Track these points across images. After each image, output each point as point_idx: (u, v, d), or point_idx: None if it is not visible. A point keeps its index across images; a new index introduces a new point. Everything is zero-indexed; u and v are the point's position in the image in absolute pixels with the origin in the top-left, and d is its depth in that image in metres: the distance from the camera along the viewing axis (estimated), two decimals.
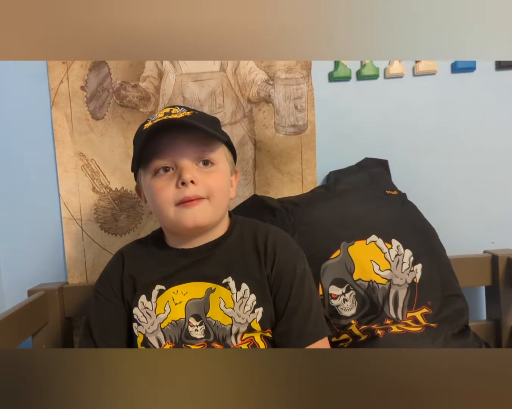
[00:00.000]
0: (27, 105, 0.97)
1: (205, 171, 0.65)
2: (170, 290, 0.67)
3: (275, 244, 0.68)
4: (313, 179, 0.98)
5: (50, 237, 0.99)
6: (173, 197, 0.63)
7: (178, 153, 0.63)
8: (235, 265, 0.67)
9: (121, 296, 0.69)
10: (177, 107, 0.69)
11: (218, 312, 0.65)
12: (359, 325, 0.79)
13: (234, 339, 0.65)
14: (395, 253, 0.82)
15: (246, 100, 0.96)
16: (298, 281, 0.67)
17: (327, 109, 0.97)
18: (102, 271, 0.74)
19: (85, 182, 0.98)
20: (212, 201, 0.65)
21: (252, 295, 0.65)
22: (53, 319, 0.92)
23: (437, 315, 0.79)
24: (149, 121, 0.67)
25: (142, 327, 0.66)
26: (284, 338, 0.65)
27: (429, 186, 1.00)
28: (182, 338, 0.65)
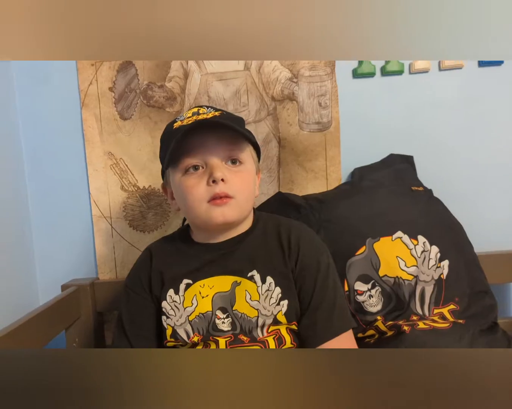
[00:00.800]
0: (58, 107, 1.00)
1: (233, 170, 0.67)
2: (197, 283, 0.69)
3: (299, 239, 0.70)
4: (338, 176, 0.98)
5: (81, 234, 1.03)
6: (204, 194, 0.65)
7: (208, 152, 0.65)
8: (259, 259, 0.69)
9: (149, 291, 0.71)
10: (204, 107, 0.71)
11: (244, 305, 0.67)
12: (385, 321, 0.79)
13: (260, 331, 0.66)
14: (421, 249, 0.82)
15: (270, 98, 0.97)
16: (322, 274, 0.68)
17: (352, 106, 0.97)
18: (132, 267, 0.77)
19: (114, 181, 1.00)
20: (239, 200, 0.66)
21: (277, 288, 0.67)
22: (85, 314, 0.95)
23: (465, 312, 0.79)
24: (177, 120, 0.69)
25: (171, 320, 0.68)
26: (309, 331, 0.66)
27: (456, 182, 0.99)
28: (209, 330, 0.67)
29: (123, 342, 0.70)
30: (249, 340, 0.66)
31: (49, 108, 1.00)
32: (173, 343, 0.69)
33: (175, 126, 0.68)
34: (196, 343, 0.67)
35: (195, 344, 0.68)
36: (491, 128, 0.99)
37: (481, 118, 0.98)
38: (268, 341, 0.66)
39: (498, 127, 0.98)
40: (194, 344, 0.68)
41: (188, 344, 0.68)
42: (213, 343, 0.67)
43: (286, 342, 0.67)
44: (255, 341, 0.66)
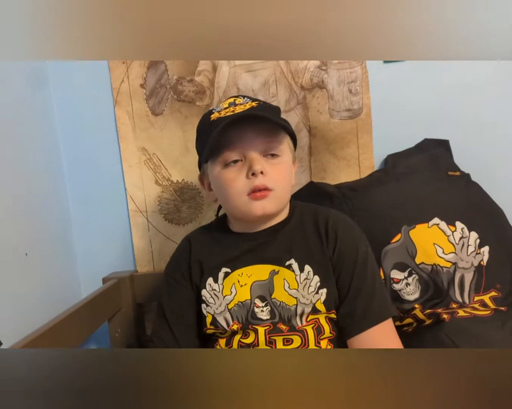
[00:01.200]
0: (92, 106, 1.03)
1: (272, 163, 0.67)
2: (235, 272, 0.69)
3: (337, 227, 0.69)
4: (370, 163, 0.97)
5: (119, 229, 1.06)
6: (244, 187, 0.65)
7: (247, 146, 0.66)
8: (297, 247, 0.69)
9: (189, 279, 0.73)
10: (241, 97, 0.71)
11: (283, 293, 0.67)
12: (423, 309, 0.78)
13: (299, 320, 0.66)
14: (459, 236, 0.80)
15: (299, 87, 0.97)
16: (361, 262, 0.68)
17: (383, 92, 0.95)
18: (171, 256, 0.79)
19: (148, 176, 1.03)
20: (277, 192, 0.67)
21: (315, 277, 0.67)
22: (126, 305, 0.99)
23: (507, 298, 0.77)
24: (214, 111, 0.69)
25: (210, 308, 0.70)
26: (348, 320, 0.66)
27: (494, 165, 0.95)
28: (248, 318, 0.68)
29: (165, 329, 0.72)
30: (288, 329, 0.67)
31: (84, 108, 1.04)
32: (213, 331, 0.70)
33: (213, 118, 0.68)
34: (236, 331, 0.68)
35: (234, 332, 0.69)
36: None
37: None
38: (307, 331, 0.66)
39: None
40: (233, 332, 0.69)
41: (227, 332, 0.69)
42: (252, 332, 0.67)
43: (325, 332, 0.67)
44: (294, 330, 0.66)
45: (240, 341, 0.68)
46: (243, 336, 0.68)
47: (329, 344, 0.68)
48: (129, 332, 0.98)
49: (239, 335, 0.69)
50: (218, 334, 0.71)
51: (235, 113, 0.66)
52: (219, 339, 0.71)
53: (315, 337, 0.66)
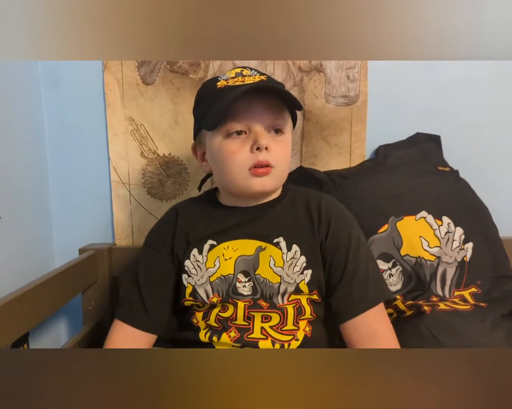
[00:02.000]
0: (79, 68, 0.98)
1: (276, 140, 0.65)
2: (221, 245, 0.68)
3: (330, 211, 0.69)
4: (362, 152, 0.96)
5: (100, 199, 1.02)
6: (246, 161, 0.64)
7: (254, 118, 0.64)
8: (287, 226, 0.68)
9: (170, 250, 0.71)
10: (248, 68, 0.69)
11: (267, 270, 0.66)
12: (404, 301, 0.78)
13: (281, 298, 0.66)
14: (445, 230, 0.80)
15: (297, 69, 0.95)
16: (354, 246, 0.67)
17: (381, 80, 0.95)
18: (156, 223, 0.76)
19: (134, 147, 0.99)
20: (278, 170, 0.66)
21: (302, 257, 0.66)
22: (102, 278, 0.95)
23: (487, 295, 0.78)
24: (220, 79, 0.67)
25: (192, 279, 0.68)
26: (343, 302, 0.65)
27: (483, 164, 0.96)
28: (229, 293, 0.67)
29: (135, 295, 0.70)
30: (268, 306, 0.66)
31: (71, 71, 0.98)
32: (191, 302, 0.69)
33: (219, 85, 0.65)
34: (215, 304, 0.67)
35: (213, 305, 0.68)
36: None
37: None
38: (287, 309, 0.66)
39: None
40: (212, 305, 0.68)
41: (206, 305, 0.68)
42: (231, 305, 0.67)
43: (306, 313, 0.67)
44: (275, 307, 0.66)
45: (218, 314, 0.67)
46: (222, 310, 0.67)
47: (308, 325, 0.67)
48: (103, 305, 0.95)
49: (217, 308, 0.67)
50: (196, 307, 0.70)
51: (248, 83, 0.64)
52: (196, 312, 0.69)
53: (294, 317, 0.66)
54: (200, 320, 0.69)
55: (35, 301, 0.72)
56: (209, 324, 0.68)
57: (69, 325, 1.05)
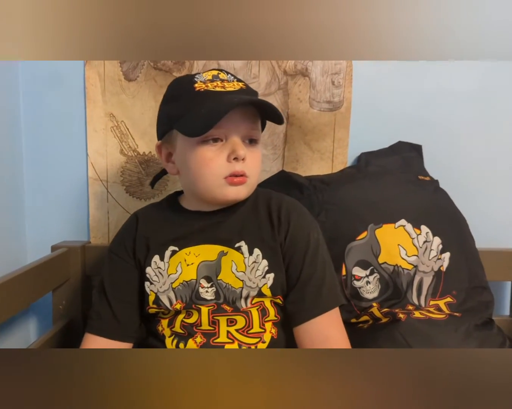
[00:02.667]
0: (60, 62, 0.95)
1: (250, 150, 0.65)
2: (183, 251, 0.67)
3: (289, 213, 0.68)
4: (344, 159, 0.96)
5: (76, 196, 1.00)
6: (222, 170, 0.63)
7: (232, 127, 0.63)
8: (248, 230, 0.67)
9: (133, 256, 0.70)
10: (224, 72, 0.68)
11: (230, 275, 0.65)
12: (380, 308, 0.78)
13: (244, 302, 0.65)
14: (423, 240, 0.81)
15: (282, 72, 0.94)
16: (312, 250, 0.67)
17: (365, 88, 0.95)
18: (117, 232, 0.75)
19: (114, 144, 0.97)
20: (252, 179, 0.66)
21: (264, 261, 0.66)
22: (74, 276, 0.93)
23: (462, 305, 0.78)
24: (197, 80, 0.65)
25: (154, 286, 0.67)
26: (297, 306, 0.65)
27: (463, 175, 0.97)
28: (192, 298, 0.66)
29: (103, 305, 0.69)
30: (232, 310, 0.65)
31: (51, 63, 0.96)
32: (155, 310, 0.68)
33: (198, 88, 0.64)
34: (178, 310, 0.66)
35: (177, 312, 0.67)
36: (504, 123, 0.97)
37: (494, 112, 0.97)
38: (251, 312, 0.66)
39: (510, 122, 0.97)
40: (176, 312, 0.67)
41: (170, 312, 0.67)
42: (196, 311, 0.66)
43: (270, 314, 0.66)
44: (238, 311, 0.65)
45: (183, 321, 0.66)
46: (186, 316, 0.66)
47: (273, 327, 0.67)
48: (75, 304, 0.92)
49: (182, 315, 0.67)
50: (161, 314, 0.68)
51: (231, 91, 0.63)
52: (161, 320, 0.68)
53: (259, 319, 0.66)
54: (166, 328, 0.68)
55: (4, 297, 0.69)
56: (174, 331, 0.67)
57: (38, 323, 1.02)
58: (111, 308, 0.68)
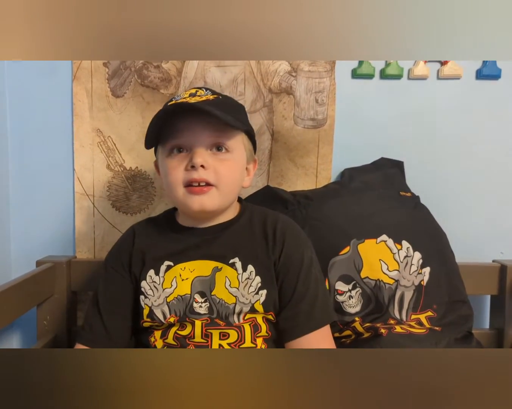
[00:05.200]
0: (48, 78, 0.97)
1: (218, 158, 0.66)
2: (178, 266, 0.68)
3: (284, 232, 0.70)
4: (328, 174, 0.98)
5: (62, 210, 1.00)
6: (182, 178, 0.65)
7: (193, 136, 0.65)
8: (242, 247, 0.68)
9: (128, 269, 0.71)
10: (203, 89, 0.69)
11: (223, 291, 0.66)
12: (362, 323, 0.79)
13: (236, 317, 0.66)
14: (404, 255, 0.82)
15: (267, 90, 0.96)
16: (306, 268, 0.68)
17: (348, 106, 0.97)
18: (114, 244, 0.76)
19: (100, 159, 0.98)
20: (220, 189, 0.66)
21: (257, 277, 0.67)
22: (59, 292, 0.92)
23: (442, 319, 0.80)
24: (173, 100, 0.68)
25: (148, 300, 0.68)
26: (290, 323, 0.66)
27: (443, 191, 1.00)
28: (186, 312, 0.66)
29: (96, 318, 0.69)
30: (224, 324, 0.66)
31: (39, 79, 0.97)
32: (149, 324, 0.68)
33: (169, 104, 0.67)
34: (172, 324, 0.67)
35: (171, 325, 0.67)
36: (483, 141, 1.00)
37: (474, 130, 0.99)
38: (244, 327, 0.66)
39: (490, 140, 1.00)
40: (170, 325, 0.67)
41: (164, 325, 0.67)
42: (189, 324, 0.66)
43: (261, 330, 0.67)
44: (231, 325, 0.66)
45: (176, 333, 0.67)
46: (180, 328, 0.67)
47: (263, 343, 0.67)
48: (59, 320, 0.92)
49: (175, 327, 0.67)
50: (154, 327, 0.69)
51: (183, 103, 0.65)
52: (154, 331, 0.69)
53: (251, 334, 0.66)
54: (158, 339, 0.68)
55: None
56: (167, 343, 0.67)
57: (22, 339, 1.01)
58: (103, 320, 0.68)
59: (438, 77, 0.98)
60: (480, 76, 0.98)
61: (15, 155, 0.98)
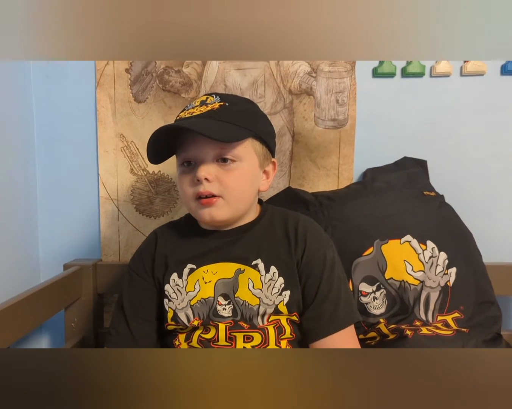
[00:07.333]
0: (72, 85, 0.99)
1: (224, 169, 0.65)
2: (201, 269, 0.69)
3: (306, 232, 0.69)
4: (350, 175, 0.98)
5: (87, 215, 1.02)
6: (191, 192, 0.66)
7: (197, 150, 0.65)
8: (264, 248, 0.69)
9: (151, 274, 0.72)
10: (213, 95, 0.69)
11: (247, 293, 0.67)
12: (387, 324, 0.78)
13: (260, 319, 0.66)
14: (429, 255, 0.81)
15: (287, 91, 0.96)
16: (328, 268, 0.68)
17: (369, 105, 0.96)
18: (137, 249, 0.77)
19: (124, 164, 1.00)
20: (227, 199, 0.66)
21: (280, 278, 0.67)
22: (86, 294, 0.95)
23: (469, 321, 0.78)
24: (185, 110, 0.69)
25: (172, 303, 0.68)
26: (314, 323, 0.66)
27: (468, 190, 0.98)
28: (210, 315, 0.67)
29: (121, 322, 0.71)
30: (249, 327, 0.66)
31: (64, 87, 0.99)
32: (174, 327, 0.69)
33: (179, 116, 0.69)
34: (196, 327, 0.67)
35: (195, 328, 0.68)
36: (508, 139, 0.97)
37: (499, 127, 0.97)
38: (268, 329, 0.66)
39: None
40: (194, 328, 0.68)
41: (188, 328, 0.68)
42: (213, 328, 0.67)
43: (286, 332, 0.67)
44: (255, 328, 0.66)
45: (200, 336, 0.67)
46: (204, 332, 0.68)
47: (288, 345, 0.67)
48: (86, 323, 0.94)
49: (199, 330, 0.68)
50: (179, 330, 0.70)
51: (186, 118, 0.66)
52: (178, 335, 0.70)
53: (275, 336, 0.66)
54: (183, 342, 0.69)
55: (18, 316, 0.71)
56: (191, 346, 0.68)
57: (50, 341, 1.04)
58: (129, 325, 0.70)
59: (462, 74, 0.96)
60: (505, 72, 0.95)
61: (41, 161, 1.01)
